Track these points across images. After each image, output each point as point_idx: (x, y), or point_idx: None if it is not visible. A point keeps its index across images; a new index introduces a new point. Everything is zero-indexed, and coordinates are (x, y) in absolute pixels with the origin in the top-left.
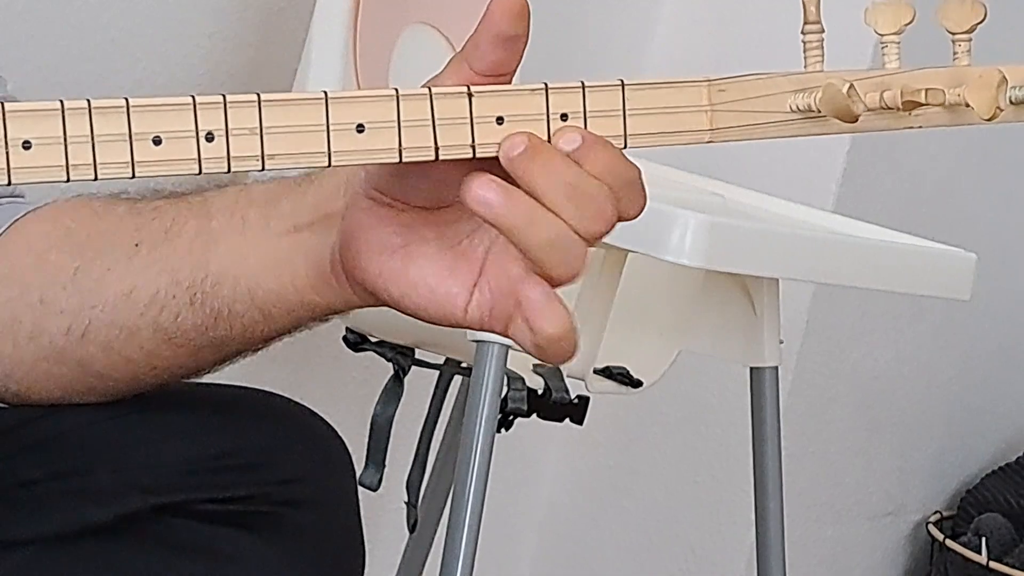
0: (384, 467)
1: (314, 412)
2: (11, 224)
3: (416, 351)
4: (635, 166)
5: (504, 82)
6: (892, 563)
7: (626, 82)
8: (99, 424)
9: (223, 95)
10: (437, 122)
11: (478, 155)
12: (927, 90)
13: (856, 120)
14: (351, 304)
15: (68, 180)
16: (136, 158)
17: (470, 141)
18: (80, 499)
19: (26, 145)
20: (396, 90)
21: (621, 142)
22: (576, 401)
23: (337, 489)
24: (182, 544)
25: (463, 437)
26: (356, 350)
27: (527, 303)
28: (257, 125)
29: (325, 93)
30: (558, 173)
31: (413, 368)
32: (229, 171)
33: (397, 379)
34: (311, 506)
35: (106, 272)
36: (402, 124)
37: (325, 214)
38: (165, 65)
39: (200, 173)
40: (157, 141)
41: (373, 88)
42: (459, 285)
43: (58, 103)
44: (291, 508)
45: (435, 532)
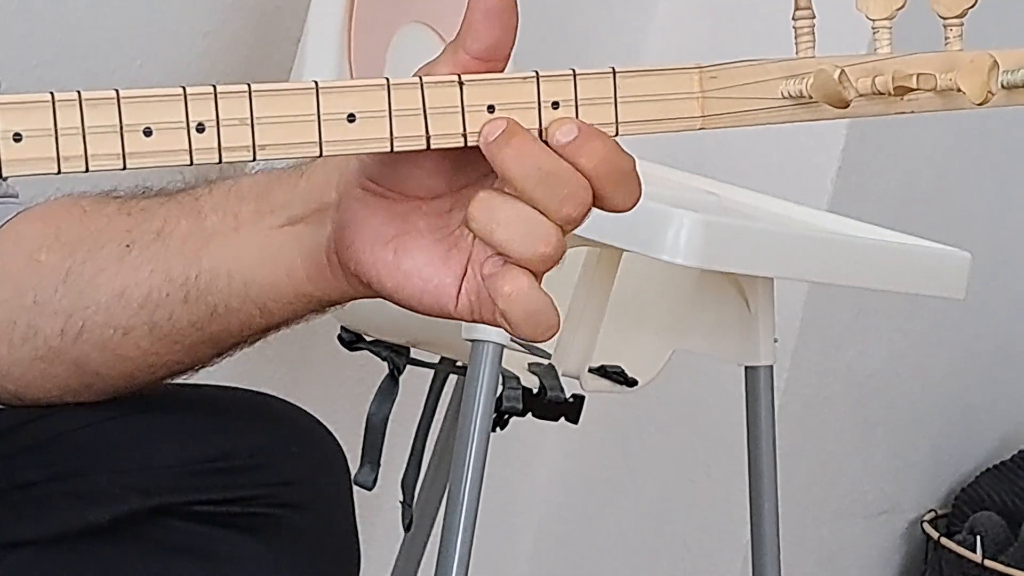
0: (379, 466)
1: (310, 414)
2: (2, 224)
3: (411, 350)
4: (630, 157)
5: (498, 68)
6: (887, 561)
7: (617, 70)
8: (97, 426)
9: (214, 85)
10: (428, 111)
11: (469, 144)
12: (918, 75)
13: (847, 106)
14: (347, 295)
15: (59, 172)
16: (127, 149)
17: (461, 130)
18: (78, 500)
19: (16, 137)
20: (387, 79)
21: (612, 130)
22: (571, 400)
23: (333, 491)
24: (179, 546)
25: (458, 436)
26: (351, 349)
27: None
28: (248, 115)
29: (316, 83)
30: (532, 157)
31: (408, 367)
32: (220, 162)
33: (392, 378)
34: (307, 508)
35: (98, 273)
36: (393, 113)
37: (318, 206)
38: (161, 64)
39: (192, 164)
40: (148, 132)
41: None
42: (451, 275)
43: (48, 95)
44: (287, 510)
45: (430, 531)
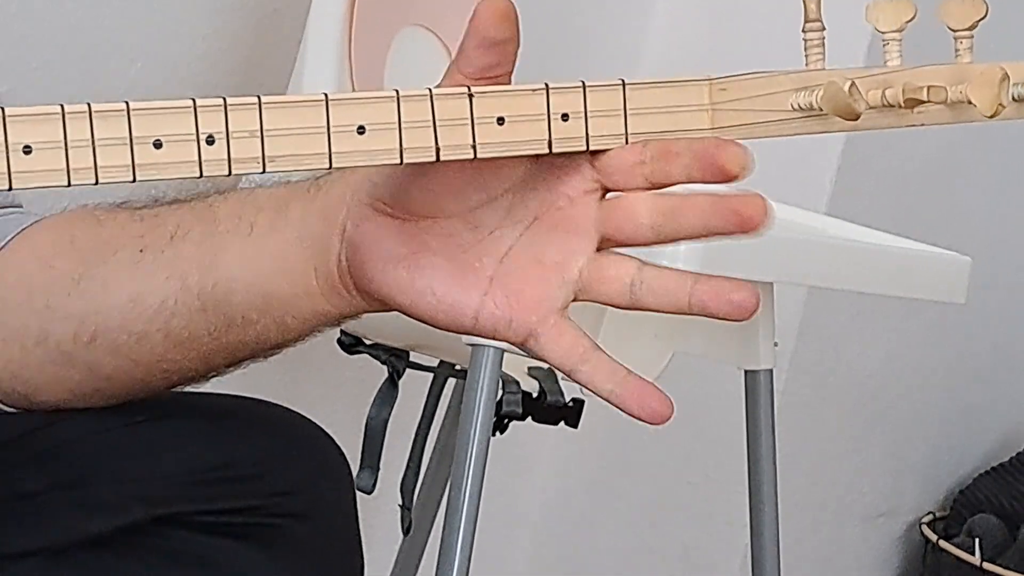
0: (379, 470)
1: (314, 422)
2: (17, 233)
3: (410, 354)
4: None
5: (501, 82)
6: (885, 564)
7: (627, 81)
8: (99, 436)
9: (223, 98)
10: (438, 123)
11: (479, 156)
12: (929, 87)
13: (858, 118)
14: (362, 311)
15: (69, 184)
16: (137, 161)
17: (471, 141)
18: (80, 510)
19: (27, 149)
20: (396, 91)
21: (622, 141)
22: (571, 404)
23: (336, 500)
24: (181, 555)
25: (458, 440)
26: (351, 352)
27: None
28: (258, 128)
29: (325, 95)
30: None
31: (407, 371)
32: (230, 174)
33: (392, 382)
34: (310, 517)
35: (111, 278)
36: (403, 125)
37: (331, 223)
38: (161, 65)
39: (201, 176)
40: (158, 144)
41: (373, 90)
42: (466, 295)
43: (58, 107)
44: (290, 519)
45: (429, 535)
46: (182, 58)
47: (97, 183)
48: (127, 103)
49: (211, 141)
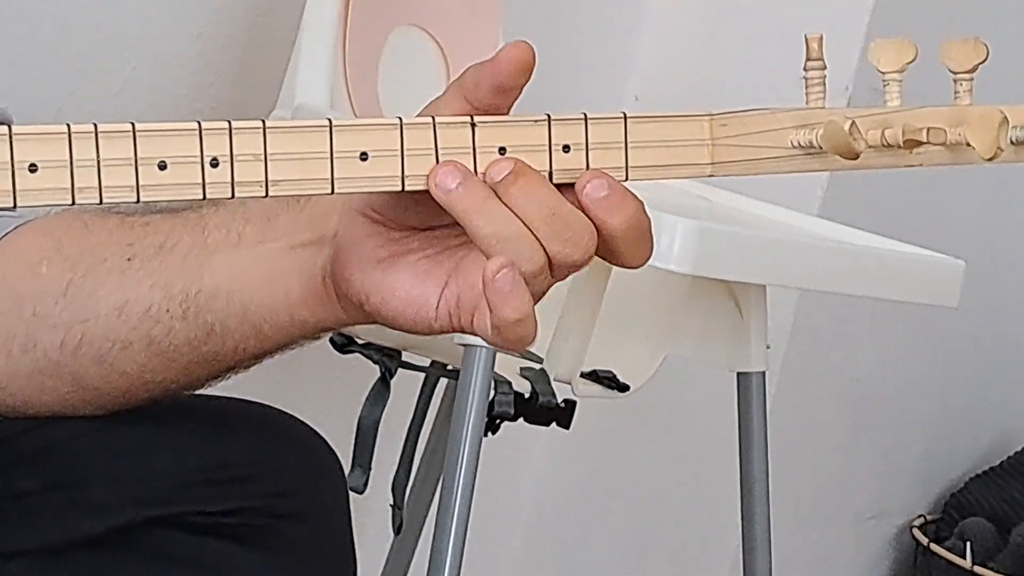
0: (370, 469)
1: (306, 424)
2: (2, 237)
3: (403, 353)
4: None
5: (501, 113)
6: (876, 567)
7: (628, 115)
8: (92, 436)
9: (228, 121)
10: (440, 151)
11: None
12: (928, 129)
13: (857, 157)
14: (341, 321)
15: (73, 203)
16: (141, 182)
17: (472, 170)
18: (73, 511)
19: (32, 168)
20: (400, 119)
21: (622, 174)
22: (563, 405)
23: (329, 501)
24: (174, 556)
25: (450, 440)
26: (343, 352)
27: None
28: (262, 151)
29: (330, 121)
30: (541, 198)
31: (400, 370)
32: (233, 196)
33: (384, 381)
34: (303, 518)
35: (99, 286)
36: (405, 153)
37: (320, 232)
38: (155, 65)
39: (204, 198)
40: (163, 166)
41: (369, 93)
42: (431, 288)
43: (65, 127)
44: (283, 520)
45: (419, 534)
46: (176, 58)
47: (101, 202)
48: (133, 124)
49: (215, 164)
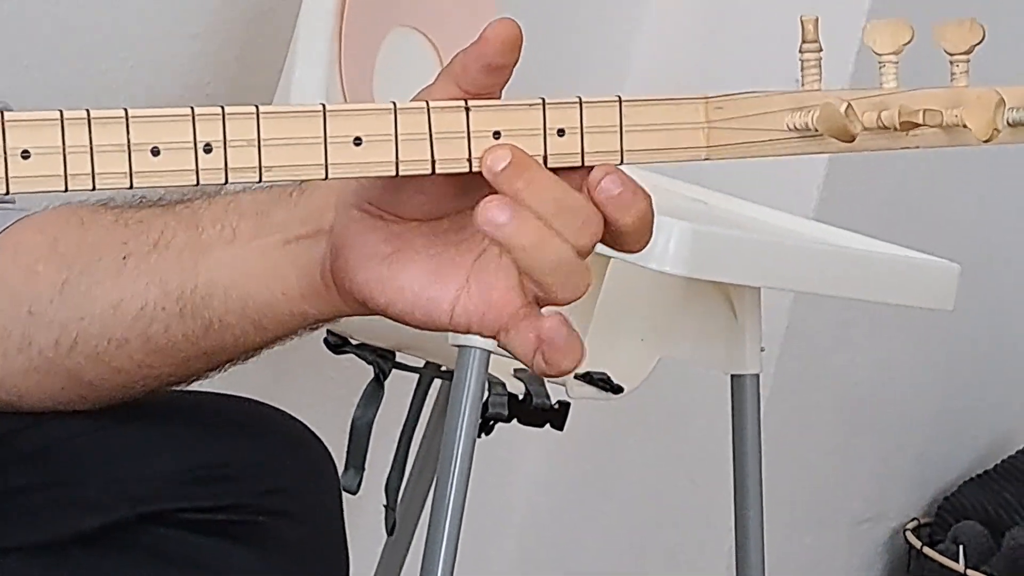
0: (363, 470)
1: (301, 422)
2: (1, 232)
3: (396, 354)
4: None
5: (493, 96)
6: (870, 569)
7: (624, 98)
8: (87, 434)
9: (221, 107)
10: (434, 136)
11: (474, 169)
12: (925, 111)
13: (853, 140)
14: (341, 313)
15: (66, 190)
16: (134, 168)
17: (467, 155)
18: (68, 508)
19: (25, 154)
20: (394, 103)
21: (618, 158)
22: (557, 406)
23: (323, 500)
24: (169, 554)
25: (444, 442)
26: (337, 353)
27: (547, 338)
28: (255, 137)
29: (323, 106)
30: (547, 189)
31: (393, 371)
32: (226, 183)
33: (378, 382)
34: (297, 517)
35: (94, 284)
36: (399, 137)
37: (316, 226)
38: (152, 64)
39: (198, 184)
40: (155, 152)
41: (365, 92)
42: (443, 290)
43: (57, 113)
44: (277, 518)
45: (413, 535)
46: (174, 57)
47: (94, 189)
48: (126, 110)
49: (208, 149)
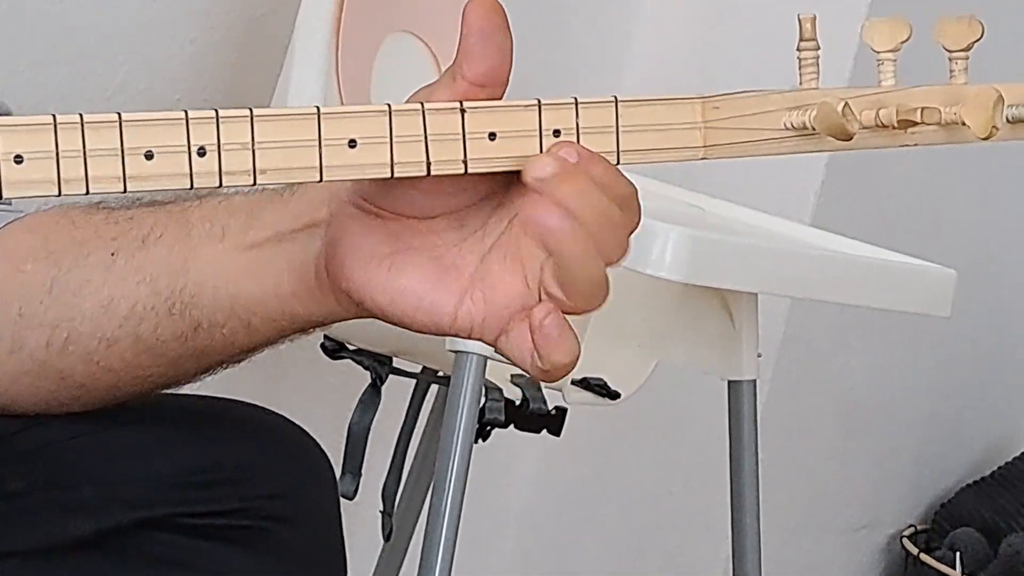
0: (360, 476)
1: (298, 425)
2: None
3: (393, 359)
4: (631, 183)
5: (497, 95)
6: None
7: (619, 98)
8: (83, 437)
9: (215, 110)
10: (429, 138)
11: (470, 171)
12: (923, 108)
13: (851, 138)
14: (334, 315)
15: (60, 194)
16: (128, 172)
17: (462, 157)
18: (63, 512)
19: (18, 159)
20: (388, 106)
21: (614, 158)
22: (553, 412)
23: (320, 504)
24: (165, 558)
25: (441, 447)
26: (334, 358)
27: (541, 332)
28: (249, 140)
29: (318, 108)
30: (593, 197)
31: (390, 376)
32: (221, 185)
33: (374, 387)
34: (294, 521)
35: (84, 283)
36: (394, 139)
37: (308, 223)
38: (148, 69)
39: (192, 187)
40: (149, 156)
41: (362, 98)
42: (447, 293)
43: (50, 117)
44: (274, 523)
45: (409, 541)
46: (169, 61)
47: (88, 193)
48: (119, 114)
49: (202, 153)
